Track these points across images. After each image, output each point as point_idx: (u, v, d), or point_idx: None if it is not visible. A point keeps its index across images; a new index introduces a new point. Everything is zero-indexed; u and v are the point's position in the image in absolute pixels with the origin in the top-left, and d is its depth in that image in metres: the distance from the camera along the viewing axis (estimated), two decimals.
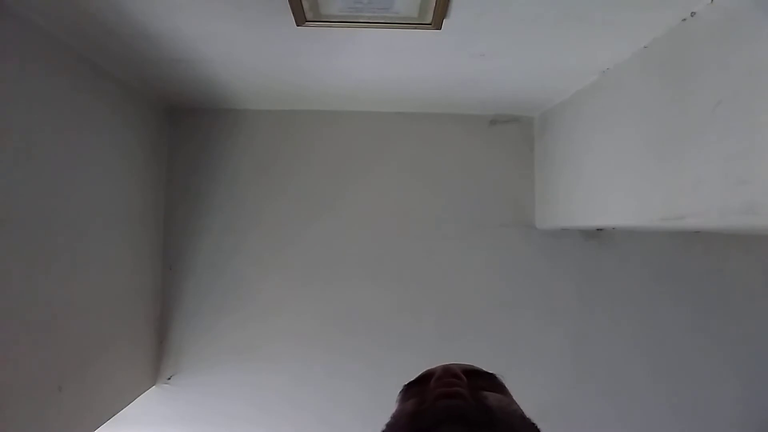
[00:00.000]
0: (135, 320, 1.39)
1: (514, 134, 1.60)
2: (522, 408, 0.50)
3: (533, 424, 0.47)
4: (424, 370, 0.56)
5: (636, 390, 1.57)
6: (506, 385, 0.54)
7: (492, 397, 0.49)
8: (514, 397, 0.53)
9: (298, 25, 0.91)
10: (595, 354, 1.57)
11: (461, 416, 0.45)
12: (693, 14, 0.84)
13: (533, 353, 1.55)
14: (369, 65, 1.17)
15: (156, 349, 1.51)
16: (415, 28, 0.92)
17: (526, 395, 0.57)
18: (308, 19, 0.89)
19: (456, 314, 1.55)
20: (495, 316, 1.56)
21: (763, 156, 0.67)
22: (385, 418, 0.51)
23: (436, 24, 0.90)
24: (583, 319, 1.57)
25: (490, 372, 0.55)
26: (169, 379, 1.52)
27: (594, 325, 1.57)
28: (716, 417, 1.57)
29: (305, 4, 0.84)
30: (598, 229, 1.58)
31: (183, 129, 1.56)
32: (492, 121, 1.60)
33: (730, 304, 1.60)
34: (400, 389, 0.55)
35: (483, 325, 1.55)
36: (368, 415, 1.46)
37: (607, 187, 1.14)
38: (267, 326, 1.53)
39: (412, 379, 0.56)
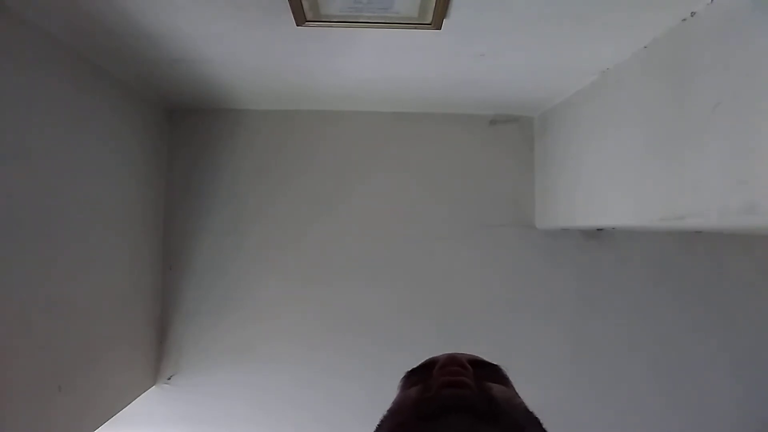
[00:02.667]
0: (135, 320, 1.39)
1: (514, 134, 1.60)
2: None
3: (537, 418, 0.47)
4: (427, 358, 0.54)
5: (636, 390, 1.56)
6: (509, 377, 0.53)
7: (497, 388, 0.48)
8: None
9: (298, 25, 0.90)
10: (594, 354, 1.57)
11: (468, 407, 0.43)
12: (693, 14, 0.84)
13: (533, 353, 1.54)
14: (369, 65, 1.17)
15: (156, 349, 1.51)
16: (415, 28, 0.92)
17: (525, 395, 0.56)
18: (308, 19, 0.89)
19: (456, 314, 1.55)
20: (495, 316, 1.56)
21: (763, 156, 0.67)
22: None
23: (436, 24, 0.90)
24: (583, 319, 1.57)
25: (494, 363, 0.54)
26: (169, 379, 1.52)
27: (594, 325, 1.57)
28: (716, 417, 1.57)
29: (305, 4, 0.84)
30: (598, 229, 1.58)
31: (183, 129, 1.56)
32: (492, 121, 1.60)
33: (730, 304, 1.60)
34: (402, 375, 0.54)
35: (482, 325, 1.55)
36: (368, 415, 1.45)
37: (607, 187, 1.14)
38: (267, 326, 1.53)
39: (414, 366, 0.54)
